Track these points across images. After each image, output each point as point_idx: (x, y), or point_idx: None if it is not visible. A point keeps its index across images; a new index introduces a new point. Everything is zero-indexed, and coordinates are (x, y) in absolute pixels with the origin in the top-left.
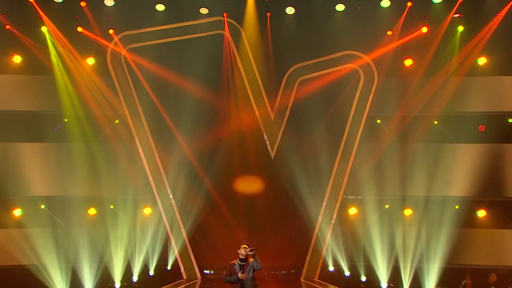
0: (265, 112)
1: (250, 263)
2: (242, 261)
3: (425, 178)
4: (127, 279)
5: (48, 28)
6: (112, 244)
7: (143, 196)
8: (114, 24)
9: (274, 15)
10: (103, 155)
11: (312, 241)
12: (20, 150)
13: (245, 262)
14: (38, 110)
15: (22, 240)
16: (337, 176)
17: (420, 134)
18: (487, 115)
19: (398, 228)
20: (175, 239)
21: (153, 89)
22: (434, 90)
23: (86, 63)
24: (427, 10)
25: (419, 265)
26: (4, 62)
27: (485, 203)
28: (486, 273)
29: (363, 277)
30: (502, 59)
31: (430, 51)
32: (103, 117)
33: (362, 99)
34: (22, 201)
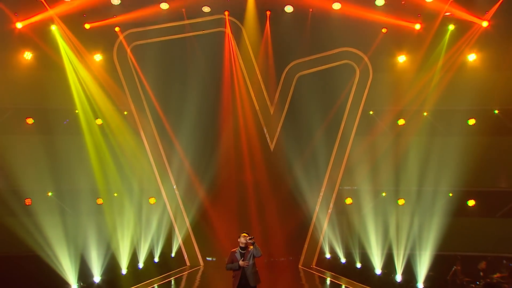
0: (265, 106)
1: (250, 251)
2: (243, 249)
3: (417, 169)
4: (133, 265)
5: (57, 26)
6: (118, 232)
7: (148, 186)
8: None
9: (274, 13)
10: (110, 147)
11: (309, 230)
12: (30, 142)
13: (245, 250)
14: (48, 104)
15: (33, 229)
16: (333, 167)
17: (413, 127)
18: (477, 110)
19: (392, 217)
20: (178, 228)
21: (157, 84)
22: (426, 86)
23: (93, 59)
24: (419, 8)
25: (412, 253)
26: (15, 58)
27: (476, 194)
28: (475, 260)
29: (358, 264)
30: (491, 55)
31: (422, 48)
32: (110, 111)
33: (358, 94)
34: (33, 192)
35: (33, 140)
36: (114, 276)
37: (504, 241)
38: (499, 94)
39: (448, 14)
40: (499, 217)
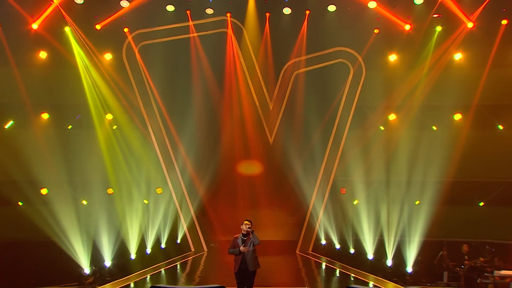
0: (264, 102)
1: (251, 238)
2: (244, 236)
3: (407, 161)
4: (141, 251)
5: (70, 27)
6: (127, 220)
7: (155, 177)
8: (129, 23)
9: (273, 15)
10: (120, 140)
11: (306, 218)
12: (46, 136)
13: (247, 237)
14: (61, 100)
15: (48, 216)
16: (329, 159)
17: (403, 120)
18: (462, 105)
19: (383, 206)
20: (184, 216)
21: (163, 81)
22: (415, 83)
23: (104, 58)
24: (409, 10)
25: (402, 239)
26: (31, 57)
27: (462, 184)
28: (460, 245)
29: (351, 250)
30: (476, 55)
31: (412, 47)
32: (119, 106)
33: (351, 91)
34: (48, 182)
35: (48, 134)
36: (123, 261)
37: (487, 227)
38: (483, 91)
39: (436, 16)
40: (483, 205)
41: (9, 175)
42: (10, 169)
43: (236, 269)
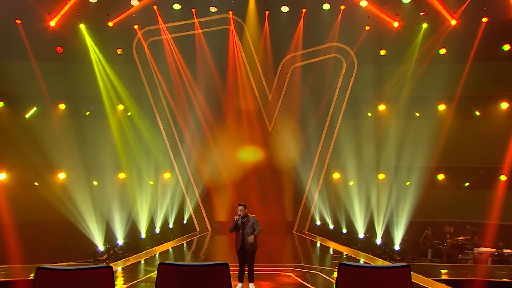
0: (264, 93)
1: (250, 220)
2: (243, 218)
3: (395, 148)
4: (151, 231)
5: (85, 24)
6: (138, 202)
7: (163, 163)
8: (139, 21)
9: (272, 12)
10: (131, 129)
11: (302, 201)
12: (62, 125)
13: (245, 219)
14: (77, 92)
15: (66, 199)
16: (323, 147)
17: (392, 112)
18: (446, 97)
19: (373, 190)
20: (189, 199)
21: (171, 75)
22: (403, 76)
23: (115, 53)
24: (398, 9)
25: (390, 219)
26: (49, 52)
27: (445, 169)
28: (443, 225)
29: (344, 230)
30: (459, 50)
31: (400, 43)
32: (129, 97)
33: (344, 83)
34: (65, 167)
35: (64, 123)
36: (134, 239)
37: (468, 209)
38: (465, 83)
39: (422, 14)
40: (464, 188)
41: (30, 161)
42: (31, 155)
43: (238, 248)
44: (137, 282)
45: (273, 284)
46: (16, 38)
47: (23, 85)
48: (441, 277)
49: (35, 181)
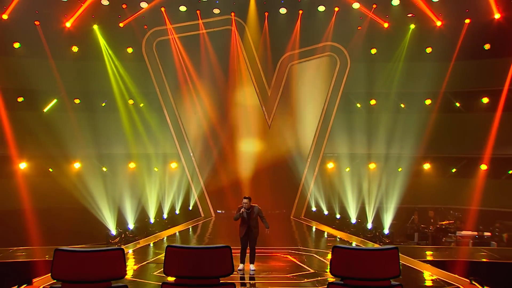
0: (264, 89)
1: (255, 210)
2: (248, 209)
3: (385, 140)
4: (159, 216)
5: (97, 25)
6: (147, 190)
7: (170, 154)
8: (147, 22)
9: (271, 14)
10: (140, 122)
11: (299, 188)
12: (77, 118)
13: (250, 210)
14: (91, 87)
15: (81, 186)
16: (319, 138)
17: (382, 106)
18: (432, 92)
19: (365, 178)
20: (195, 187)
21: (177, 71)
22: (392, 72)
23: (126, 52)
24: (388, 11)
25: (380, 206)
26: (65, 51)
27: (431, 158)
28: (429, 211)
29: (338, 215)
30: (443, 49)
31: (390, 42)
32: (139, 93)
33: (338, 79)
34: (80, 157)
35: (79, 116)
36: (144, 224)
37: (452, 195)
38: (449, 80)
39: (410, 16)
40: (448, 177)
41: (48, 151)
42: (49, 146)
43: (242, 234)
44: (147, 263)
45: (272, 265)
46: (35, 38)
47: (41, 82)
48: (427, 258)
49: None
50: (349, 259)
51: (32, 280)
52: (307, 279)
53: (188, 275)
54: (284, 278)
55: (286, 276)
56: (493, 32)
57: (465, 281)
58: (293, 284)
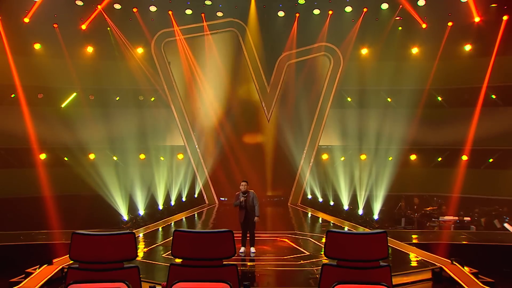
0: (263, 86)
1: (250, 195)
2: (244, 194)
3: (375, 133)
4: (167, 203)
5: (111, 28)
6: (156, 179)
7: (177, 146)
8: (156, 24)
9: (270, 17)
10: (149, 117)
11: (296, 178)
12: (92, 113)
13: (246, 194)
14: (104, 85)
15: (95, 175)
16: (314, 132)
17: (372, 102)
18: (418, 89)
19: (356, 168)
20: (199, 176)
21: (183, 70)
22: (382, 71)
23: (137, 52)
24: (377, 14)
25: (370, 193)
26: (81, 51)
27: (417, 150)
28: (414, 198)
29: (331, 202)
30: (428, 49)
31: (379, 43)
32: (149, 90)
33: (332, 77)
34: (94, 149)
35: (94, 111)
36: (153, 210)
37: (435, 184)
38: (434, 78)
39: (398, 19)
40: (432, 167)
41: (65, 144)
42: (66, 139)
43: (241, 219)
44: (156, 246)
45: (271, 248)
46: (54, 40)
47: (59, 80)
48: (412, 241)
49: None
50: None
51: (52, 261)
52: (303, 261)
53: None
54: (282, 260)
55: (284, 258)
56: (473, 34)
57: (447, 261)
58: (290, 266)
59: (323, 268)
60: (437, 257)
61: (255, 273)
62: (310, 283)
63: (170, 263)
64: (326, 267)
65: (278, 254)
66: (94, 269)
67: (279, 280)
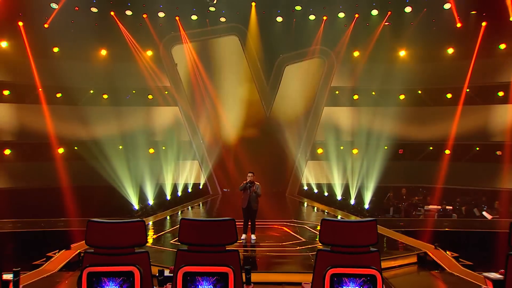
0: (263, 86)
1: (255, 185)
2: (250, 183)
3: (366, 128)
4: (174, 194)
5: (123, 32)
6: (164, 172)
7: (184, 141)
8: (164, 29)
9: (269, 22)
10: (157, 114)
11: (293, 170)
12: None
13: (252, 183)
14: (116, 84)
15: (109, 168)
16: (310, 127)
17: (364, 100)
18: (405, 89)
19: (349, 162)
20: (204, 169)
21: (189, 71)
22: (372, 72)
23: (146, 54)
24: (367, 20)
25: (361, 185)
26: (95, 54)
27: (404, 145)
28: (401, 189)
29: (325, 193)
30: (415, 52)
31: (369, 46)
32: (157, 89)
33: (326, 78)
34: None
35: (107, 110)
36: (161, 200)
37: (421, 176)
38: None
39: (387, 24)
40: (419, 160)
41: (82, 139)
42: (82, 134)
43: (244, 205)
44: (164, 233)
45: (270, 235)
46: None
47: (75, 80)
48: (400, 228)
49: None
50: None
51: (70, 246)
52: (299, 247)
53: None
54: (280, 246)
55: (282, 244)
56: (455, 38)
57: (431, 246)
58: (288, 251)
59: (318, 253)
60: (422, 243)
61: (255, 258)
62: (306, 267)
63: (177, 249)
64: (321, 252)
65: (277, 241)
66: (108, 253)
67: (278, 264)
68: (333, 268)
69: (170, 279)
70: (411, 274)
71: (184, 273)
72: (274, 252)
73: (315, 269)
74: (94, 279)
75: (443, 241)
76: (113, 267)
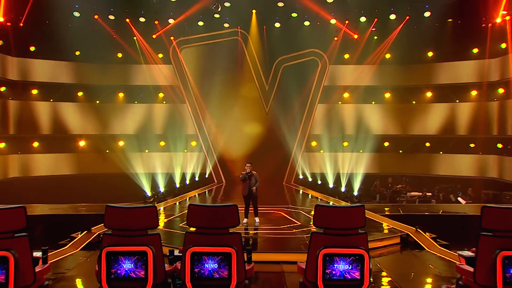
0: (262, 84)
1: (254, 175)
2: (249, 174)
3: (356, 123)
4: (182, 182)
5: (137, 37)
6: (173, 162)
7: (191, 135)
8: (174, 33)
9: (268, 27)
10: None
11: (289, 161)
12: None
13: (250, 174)
14: (130, 83)
15: (124, 159)
16: (305, 122)
17: (353, 97)
18: (392, 87)
19: (340, 153)
20: (209, 159)
21: (197, 72)
22: (361, 72)
23: (157, 57)
24: (357, 25)
25: (351, 174)
26: (112, 57)
27: (389, 138)
28: (387, 177)
29: (319, 181)
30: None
31: (358, 49)
32: (167, 88)
33: (320, 77)
34: (123, 137)
35: (122, 106)
36: (171, 188)
37: (404, 166)
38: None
39: (374, 29)
40: (403, 152)
41: (99, 133)
42: (101, 129)
43: (245, 193)
44: (174, 217)
45: (268, 219)
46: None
47: (93, 79)
48: (385, 213)
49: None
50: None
51: (91, 228)
52: (295, 230)
53: (205, 226)
54: (278, 229)
55: (279, 227)
56: (435, 41)
57: (412, 229)
58: (285, 234)
59: (312, 235)
60: (404, 226)
61: (256, 240)
62: (301, 248)
63: (186, 231)
64: (315, 234)
65: (275, 224)
66: (124, 235)
67: (276, 245)
68: (325, 248)
69: (179, 258)
70: (395, 254)
71: (192, 253)
72: (272, 234)
73: (309, 250)
74: (112, 258)
75: (423, 224)
76: (128, 247)
